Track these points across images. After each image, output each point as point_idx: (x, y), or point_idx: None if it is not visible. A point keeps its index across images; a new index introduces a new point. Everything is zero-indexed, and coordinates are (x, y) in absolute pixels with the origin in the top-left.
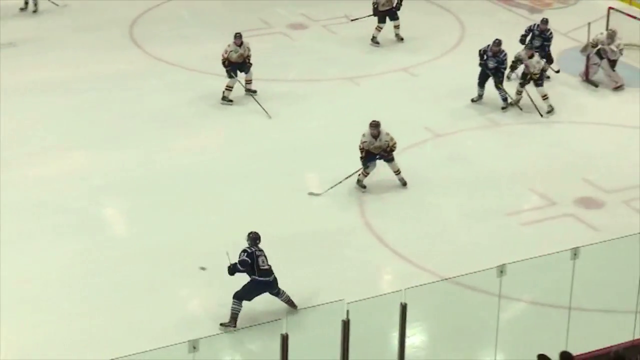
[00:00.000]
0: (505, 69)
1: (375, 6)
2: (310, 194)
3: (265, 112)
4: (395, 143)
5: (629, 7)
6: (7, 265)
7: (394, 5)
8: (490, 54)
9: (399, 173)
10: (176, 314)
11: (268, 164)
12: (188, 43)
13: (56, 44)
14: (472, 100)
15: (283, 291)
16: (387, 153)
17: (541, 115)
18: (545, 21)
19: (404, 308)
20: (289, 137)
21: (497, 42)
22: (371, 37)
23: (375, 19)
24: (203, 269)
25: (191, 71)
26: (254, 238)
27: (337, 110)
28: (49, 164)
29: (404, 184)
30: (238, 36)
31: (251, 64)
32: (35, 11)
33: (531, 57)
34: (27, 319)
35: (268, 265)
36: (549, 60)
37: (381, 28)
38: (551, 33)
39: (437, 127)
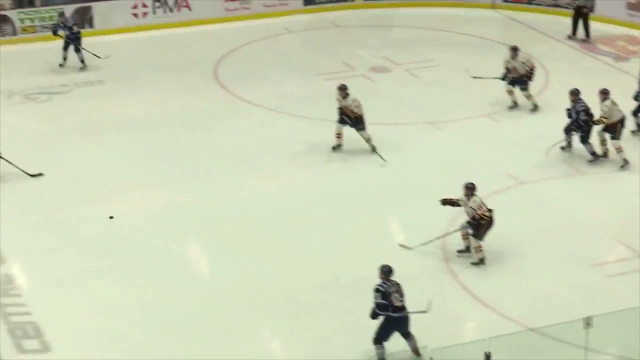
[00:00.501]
0: (586, 121)
1: (506, 72)
2: (402, 246)
3: (381, 157)
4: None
5: None
6: (87, 297)
7: (524, 73)
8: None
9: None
10: (257, 354)
11: (347, 207)
12: (270, 84)
13: (141, 82)
14: (562, 148)
15: (413, 335)
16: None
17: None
18: None
19: (487, 357)
20: (369, 181)
21: (573, 92)
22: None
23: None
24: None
25: (272, 112)
26: (386, 271)
27: (418, 154)
28: (129, 201)
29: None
30: (342, 88)
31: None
32: (82, 68)
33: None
34: (103, 350)
35: (402, 301)
36: None
37: (512, 92)
38: None
39: (520, 175)
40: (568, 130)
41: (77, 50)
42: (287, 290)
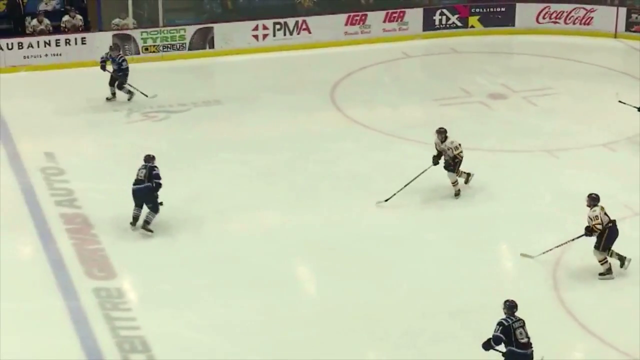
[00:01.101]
0: None
1: None
2: (523, 255)
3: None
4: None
5: None
6: (196, 314)
7: None
8: None
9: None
10: None
11: (456, 233)
12: (387, 108)
13: (258, 103)
14: None
15: None
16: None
17: None
18: None
19: None
20: (481, 208)
21: None
22: None
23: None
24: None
25: (388, 135)
26: (510, 307)
27: (533, 181)
28: (241, 221)
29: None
30: (441, 131)
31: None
32: (129, 99)
33: None
34: None
35: (527, 338)
36: None
37: None
38: None
39: (636, 206)
40: None
41: (120, 87)
42: (395, 316)
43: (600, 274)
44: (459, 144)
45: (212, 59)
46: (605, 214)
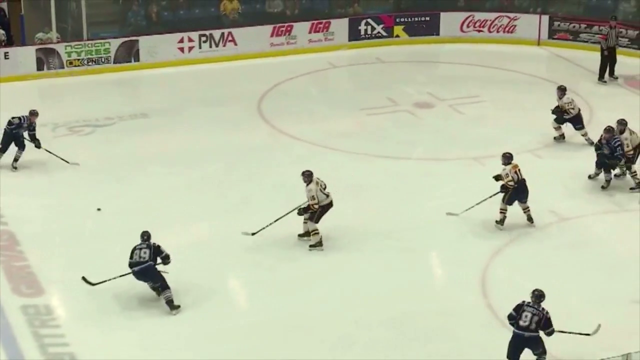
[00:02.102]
0: (620, 156)
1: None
2: (449, 214)
3: None
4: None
5: None
6: (126, 330)
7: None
8: (604, 141)
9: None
10: None
11: (389, 241)
12: (314, 118)
13: (185, 116)
14: (602, 187)
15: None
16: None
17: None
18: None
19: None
20: (411, 215)
21: (607, 129)
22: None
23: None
24: None
25: (316, 146)
26: (537, 296)
27: (461, 189)
28: (172, 234)
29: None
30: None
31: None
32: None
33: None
34: None
35: (530, 322)
36: None
37: (558, 128)
38: None
39: (562, 211)
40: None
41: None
42: (329, 325)
43: (497, 222)
44: None
45: (138, 72)
46: (517, 172)
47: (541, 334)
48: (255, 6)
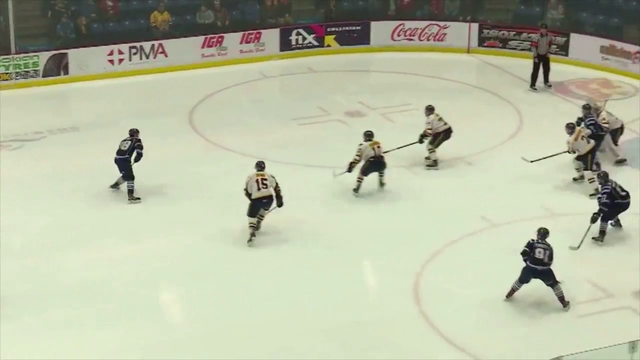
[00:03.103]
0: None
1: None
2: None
3: None
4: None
5: None
6: (57, 347)
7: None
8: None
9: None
10: None
11: (323, 251)
12: (246, 129)
13: (116, 129)
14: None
15: (559, 286)
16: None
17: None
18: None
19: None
20: (347, 225)
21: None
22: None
23: None
24: None
25: (248, 157)
26: (543, 233)
27: (392, 197)
28: (103, 249)
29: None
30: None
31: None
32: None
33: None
34: None
35: (544, 256)
36: None
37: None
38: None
39: (493, 217)
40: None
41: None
42: (267, 336)
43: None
44: None
45: (68, 85)
46: (373, 148)
47: None
48: (186, 17)
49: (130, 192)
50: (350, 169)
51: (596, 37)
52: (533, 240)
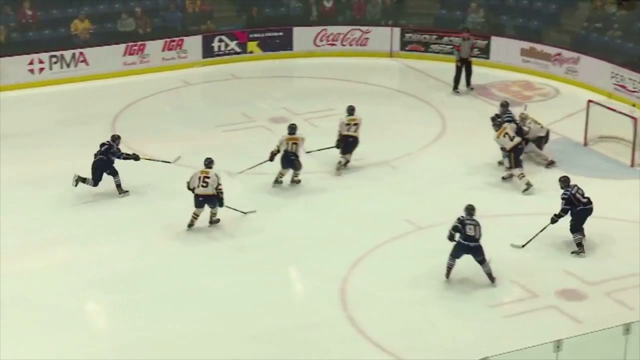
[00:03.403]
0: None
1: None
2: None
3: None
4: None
5: (608, 100)
6: None
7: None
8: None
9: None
10: None
11: (248, 257)
12: (170, 137)
13: (38, 139)
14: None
15: (488, 263)
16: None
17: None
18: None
19: None
20: (269, 232)
21: (502, 104)
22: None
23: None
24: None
25: (173, 165)
26: (468, 209)
27: (317, 202)
28: (31, 259)
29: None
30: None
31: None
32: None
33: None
34: None
35: (474, 233)
36: None
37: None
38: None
39: (419, 220)
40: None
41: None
42: (196, 344)
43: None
44: None
45: None
46: (287, 143)
47: None
48: (107, 25)
49: (118, 186)
50: (271, 158)
51: (516, 39)
52: (462, 217)
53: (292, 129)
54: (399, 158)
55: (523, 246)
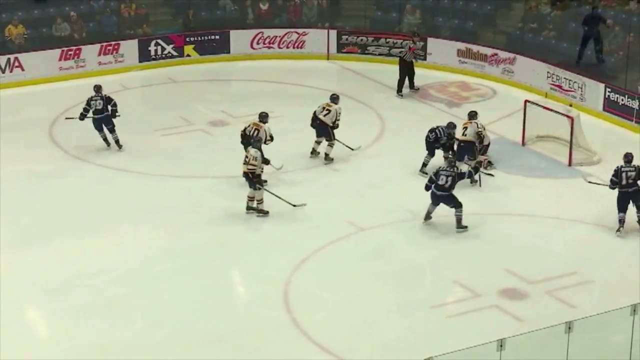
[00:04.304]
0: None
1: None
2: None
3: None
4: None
5: (545, 100)
6: None
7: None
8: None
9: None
10: None
11: (189, 261)
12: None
13: None
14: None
15: (460, 209)
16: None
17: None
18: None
19: None
20: (212, 234)
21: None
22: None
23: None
24: None
25: (111, 169)
26: (450, 161)
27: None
28: None
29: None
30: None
31: None
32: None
33: None
34: None
35: (445, 182)
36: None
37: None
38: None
39: (359, 222)
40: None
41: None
42: (133, 351)
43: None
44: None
45: None
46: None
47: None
48: (42, 30)
49: (117, 141)
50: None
51: (453, 40)
52: (440, 167)
53: (262, 116)
54: (339, 160)
55: (590, 182)
